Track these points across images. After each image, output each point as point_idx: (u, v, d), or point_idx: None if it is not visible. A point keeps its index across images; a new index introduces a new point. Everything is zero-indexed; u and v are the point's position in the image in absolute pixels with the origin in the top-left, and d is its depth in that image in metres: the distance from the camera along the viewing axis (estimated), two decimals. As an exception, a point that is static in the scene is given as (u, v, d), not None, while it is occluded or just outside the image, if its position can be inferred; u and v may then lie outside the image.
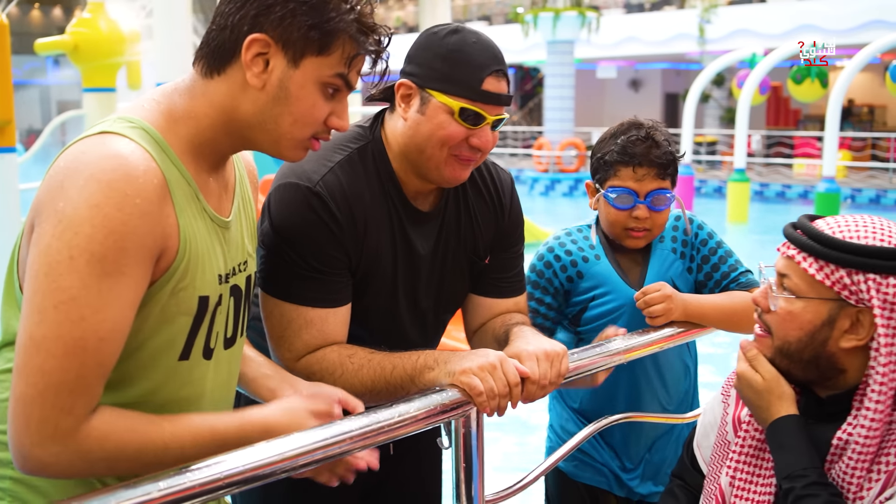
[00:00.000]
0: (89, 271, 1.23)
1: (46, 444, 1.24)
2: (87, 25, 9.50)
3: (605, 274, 2.28)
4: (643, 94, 31.38)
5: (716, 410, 1.87)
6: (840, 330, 1.55)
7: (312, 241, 1.74)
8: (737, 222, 15.31)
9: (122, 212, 1.24)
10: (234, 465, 1.30)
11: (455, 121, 1.75)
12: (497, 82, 1.77)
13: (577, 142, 22.18)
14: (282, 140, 1.45)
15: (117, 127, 1.33)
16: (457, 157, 1.79)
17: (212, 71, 1.42)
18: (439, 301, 1.98)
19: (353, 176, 1.80)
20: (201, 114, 1.42)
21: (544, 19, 21.52)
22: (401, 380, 1.70)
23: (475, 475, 1.69)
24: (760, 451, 1.67)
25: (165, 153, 1.36)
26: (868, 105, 26.36)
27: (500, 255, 2.04)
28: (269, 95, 1.40)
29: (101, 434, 1.27)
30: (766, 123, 27.30)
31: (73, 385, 1.23)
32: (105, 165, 1.25)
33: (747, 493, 1.66)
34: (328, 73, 1.42)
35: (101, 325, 1.25)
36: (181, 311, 1.39)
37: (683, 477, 1.92)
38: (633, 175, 2.18)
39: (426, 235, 1.91)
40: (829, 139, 13.88)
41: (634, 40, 25.24)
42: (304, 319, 1.75)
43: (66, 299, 1.22)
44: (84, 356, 1.24)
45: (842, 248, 1.52)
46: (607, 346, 2.00)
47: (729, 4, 24.23)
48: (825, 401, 1.63)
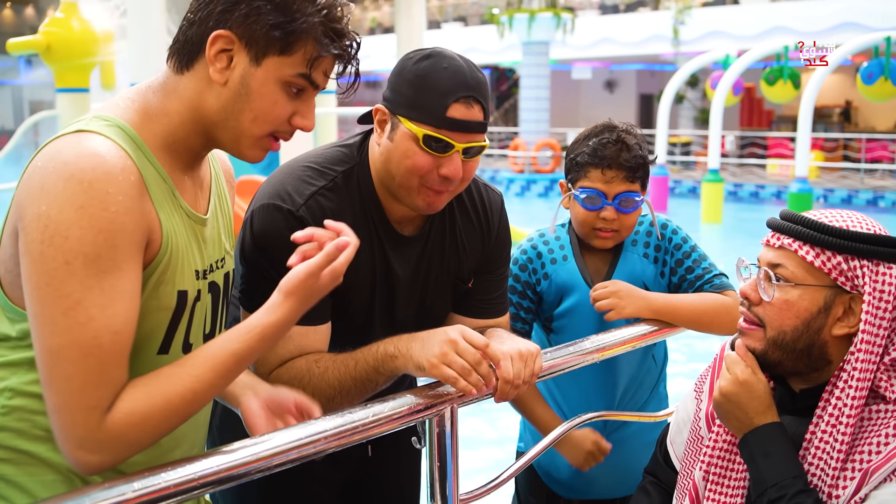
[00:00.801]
0: (87, 272, 1.25)
1: (86, 445, 1.26)
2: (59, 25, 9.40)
3: (570, 275, 2.32)
4: (618, 95, 31.50)
5: (688, 407, 1.88)
6: (834, 317, 1.57)
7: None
8: (711, 222, 15.41)
9: (108, 210, 1.26)
10: (209, 465, 1.31)
11: (420, 149, 1.71)
12: (465, 109, 1.71)
13: (552, 142, 22.22)
14: (241, 138, 1.46)
15: (93, 125, 1.34)
16: (428, 188, 1.75)
17: (182, 67, 1.43)
18: (419, 324, 1.92)
19: (336, 201, 1.78)
20: (173, 111, 1.43)
21: (520, 20, 21.55)
22: (365, 373, 1.70)
23: (449, 474, 1.70)
24: (734, 445, 1.68)
25: (141, 150, 1.37)
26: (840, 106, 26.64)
27: (485, 277, 2.03)
28: (232, 92, 1.41)
29: (126, 414, 1.28)
30: (740, 124, 27.50)
31: (97, 382, 1.26)
32: (84, 165, 1.26)
33: (721, 488, 1.68)
34: (290, 72, 1.43)
35: (113, 319, 1.27)
36: (161, 306, 1.41)
37: (656, 473, 1.94)
38: (601, 177, 2.21)
39: (407, 259, 1.89)
40: (802, 140, 14.01)
41: (609, 41, 25.33)
42: (284, 336, 1.71)
43: (73, 304, 1.24)
44: (101, 353, 1.26)
45: (839, 234, 1.55)
46: (579, 346, 2.02)
47: (702, 6, 24.37)
48: (798, 394, 1.65)
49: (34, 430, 1.39)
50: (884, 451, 1.50)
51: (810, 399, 1.62)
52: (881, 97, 14.28)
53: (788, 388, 1.67)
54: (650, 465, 1.99)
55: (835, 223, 1.57)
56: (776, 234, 1.63)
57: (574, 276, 2.32)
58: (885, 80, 13.31)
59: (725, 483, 1.68)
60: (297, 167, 1.83)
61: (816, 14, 20.61)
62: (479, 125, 1.75)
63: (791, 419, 1.64)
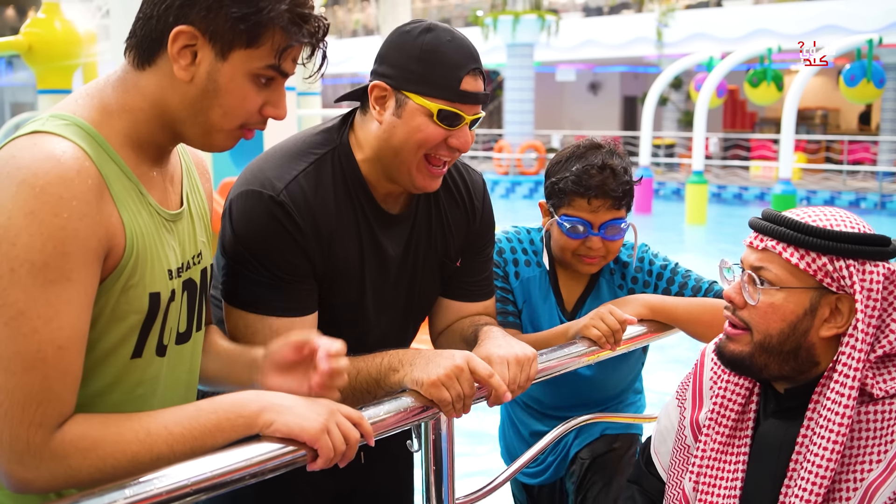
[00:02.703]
0: (32, 282, 1.19)
1: (24, 460, 1.21)
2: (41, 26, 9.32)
3: (538, 286, 2.30)
4: (602, 97, 31.57)
5: (671, 415, 1.86)
6: (820, 319, 1.55)
7: (276, 251, 1.69)
8: (695, 224, 15.47)
9: (59, 217, 1.20)
10: (203, 470, 1.27)
11: (433, 123, 1.71)
12: (474, 81, 1.73)
13: (537, 144, 22.25)
14: (212, 132, 1.41)
15: (49, 125, 1.28)
16: (429, 162, 1.76)
17: (142, 63, 1.37)
18: (410, 304, 1.95)
19: (317, 184, 1.75)
20: (136, 107, 1.37)
21: (504, 22, 21.58)
22: (366, 384, 1.68)
23: (445, 478, 1.68)
24: (723, 453, 1.67)
25: (103, 148, 1.31)
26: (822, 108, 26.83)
27: (471, 258, 2.02)
28: (198, 88, 1.36)
29: (76, 436, 1.24)
30: (723, 126, 27.64)
31: (39, 398, 1.20)
32: (36, 169, 1.21)
33: (711, 497, 1.66)
34: (258, 64, 1.37)
35: (57, 333, 1.21)
36: (132, 310, 1.35)
37: (640, 482, 1.92)
38: (587, 206, 2.15)
39: (396, 238, 1.88)
40: (786, 142, 14.08)
41: (593, 44, 25.39)
42: (269, 329, 1.70)
43: (15, 314, 1.18)
44: (45, 367, 1.20)
45: (822, 235, 1.52)
46: (572, 349, 2.01)
47: (686, 9, 24.47)
48: (783, 395, 1.63)
49: None
50: (884, 459, 1.49)
51: (796, 399, 1.60)
52: (863, 99, 14.40)
53: (773, 389, 1.65)
54: (634, 475, 1.96)
55: (818, 223, 1.54)
56: (759, 235, 1.60)
57: (544, 287, 2.30)
58: (867, 83, 13.41)
59: (715, 492, 1.65)
60: (275, 153, 1.80)
61: (799, 17, 20.74)
62: (486, 96, 1.78)
63: (777, 422, 1.62)
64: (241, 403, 1.36)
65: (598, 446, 2.38)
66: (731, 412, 1.68)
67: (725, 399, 1.69)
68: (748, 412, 1.68)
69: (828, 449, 1.50)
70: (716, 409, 1.69)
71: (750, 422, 1.67)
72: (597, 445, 2.39)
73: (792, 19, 20.77)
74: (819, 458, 1.50)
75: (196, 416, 1.32)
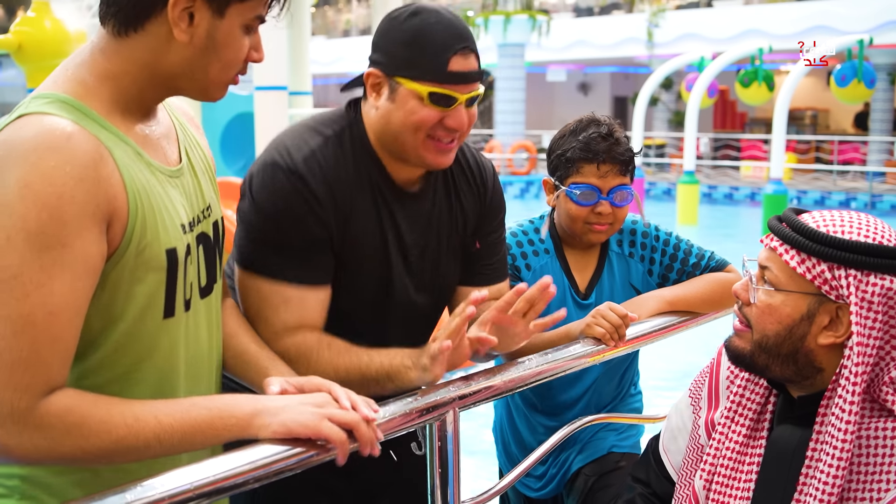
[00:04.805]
0: (28, 247, 1.20)
1: (7, 426, 1.20)
2: (31, 25, 9.27)
3: (552, 269, 2.31)
4: (592, 98, 31.63)
5: (683, 414, 1.84)
6: (819, 326, 1.52)
7: (294, 220, 1.71)
8: (687, 224, 15.48)
9: (54, 184, 1.22)
10: (204, 474, 1.25)
11: (425, 105, 1.71)
12: (464, 60, 1.72)
13: (527, 144, 22.27)
14: (209, 86, 1.46)
15: (34, 107, 1.30)
16: (434, 140, 1.76)
17: (127, 29, 1.38)
18: (433, 285, 1.93)
19: (335, 157, 1.78)
20: (121, 72, 1.39)
21: (495, 23, 21.60)
22: (377, 374, 1.67)
23: (451, 480, 1.65)
24: (740, 454, 1.64)
25: (90, 118, 1.33)
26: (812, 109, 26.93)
27: (485, 240, 2.01)
28: (197, 48, 1.40)
29: (63, 408, 1.23)
30: (714, 126, 27.72)
31: (26, 363, 1.20)
32: (29, 146, 1.23)
33: (724, 497, 1.63)
34: (250, 15, 1.43)
35: (48, 298, 1.22)
36: (151, 268, 1.37)
37: (650, 481, 1.89)
38: (596, 172, 2.19)
39: (415, 216, 1.88)
40: (777, 142, 14.10)
41: (584, 44, 25.43)
42: (281, 297, 1.72)
43: (7, 278, 1.20)
44: (34, 332, 1.21)
45: (824, 241, 1.48)
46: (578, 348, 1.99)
47: (676, 9, 24.54)
48: (796, 401, 1.60)
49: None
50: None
51: (808, 406, 1.57)
52: (854, 99, 14.44)
53: (788, 394, 1.63)
54: (640, 471, 1.93)
55: (825, 229, 1.51)
56: (770, 234, 1.58)
57: (556, 271, 2.31)
58: (858, 83, 13.46)
59: (727, 493, 1.63)
60: (295, 128, 1.84)
61: (789, 17, 20.81)
62: (477, 74, 1.77)
63: (790, 428, 1.60)
64: (236, 404, 1.36)
65: (604, 463, 2.37)
66: (749, 411, 1.66)
67: (743, 398, 1.67)
68: (765, 413, 1.65)
69: (833, 465, 1.46)
70: (732, 409, 1.67)
71: (766, 423, 1.65)
72: (603, 462, 2.38)
73: (782, 19, 20.84)
74: (825, 474, 1.47)
75: (188, 410, 1.32)
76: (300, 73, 10.19)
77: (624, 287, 2.35)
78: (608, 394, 2.44)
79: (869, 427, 1.49)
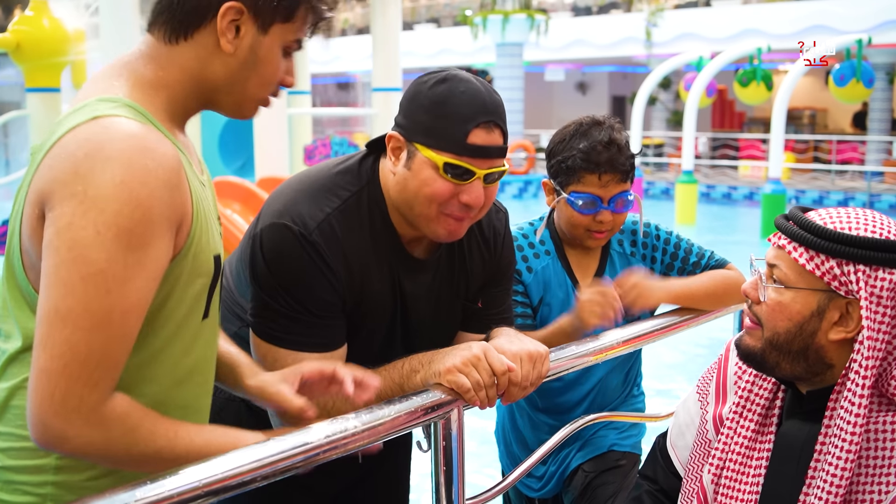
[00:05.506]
0: (117, 245, 1.22)
1: (71, 417, 1.22)
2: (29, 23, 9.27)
3: (553, 270, 2.31)
4: (591, 97, 31.64)
5: (691, 410, 1.85)
6: (829, 322, 1.53)
7: (307, 287, 1.66)
8: (685, 223, 15.48)
9: (147, 186, 1.25)
10: (213, 472, 1.25)
11: (440, 176, 1.65)
12: (486, 134, 1.65)
13: (526, 144, 22.26)
14: (245, 101, 1.49)
15: (104, 108, 1.30)
16: (448, 215, 1.69)
17: (177, 36, 1.42)
18: (431, 343, 1.87)
19: (349, 224, 1.72)
20: (173, 80, 1.42)
21: (493, 22, 21.58)
22: (390, 391, 1.66)
23: (455, 478, 1.65)
24: (749, 448, 1.65)
25: (154, 125, 1.35)
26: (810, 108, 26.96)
27: (490, 292, 1.97)
28: (240, 60, 1.44)
29: (124, 411, 1.27)
30: (712, 126, 27.73)
31: (99, 358, 1.23)
32: (121, 146, 1.25)
33: (732, 492, 1.64)
34: (291, 38, 1.47)
35: (127, 297, 1.25)
36: (200, 274, 1.41)
37: (657, 478, 1.90)
38: (598, 182, 2.18)
39: (420, 283, 1.84)
40: (775, 141, 14.11)
41: (582, 43, 25.42)
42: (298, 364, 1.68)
43: (95, 272, 1.22)
44: (110, 329, 1.23)
45: (832, 237, 1.50)
46: (581, 347, 2.00)
47: (675, 8, 24.52)
48: (805, 396, 1.61)
49: None
50: None
51: (818, 401, 1.59)
52: (853, 99, 14.46)
53: (797, 390, 1.64)
54: (649, 468, 1.94)
55: (832, 225, 1.52)
56: (778, 232, 1.59)
57: (558, 272, 2.31)
58: (857, 83, 13.47)
59: (737, 487, 1.64)
60: (306, 186, 1.76)
61: (788, 17, 20.81)
62: (500, 150, 1.69)
63: (799, 423, 1.61)
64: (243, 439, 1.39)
65: (603, 461, 2.39)
66: (758, 406, 1.67)
67: (752, 394, 1.68)
68: (773, 408, 1.67)
69: (842, 458, 1.48)
70: (741, 404, 1.69)
71: (775, 418, 1.66)
72: (603, 460, 2.39)
73: (781, 19, 20.84)
74: (834, 467, 1.48)
75: (213, 436, 1.38)
76: (298, 73, 10.10)
77: None
78: (613, 392, 2.45)
79: (877, 421, 1.51)
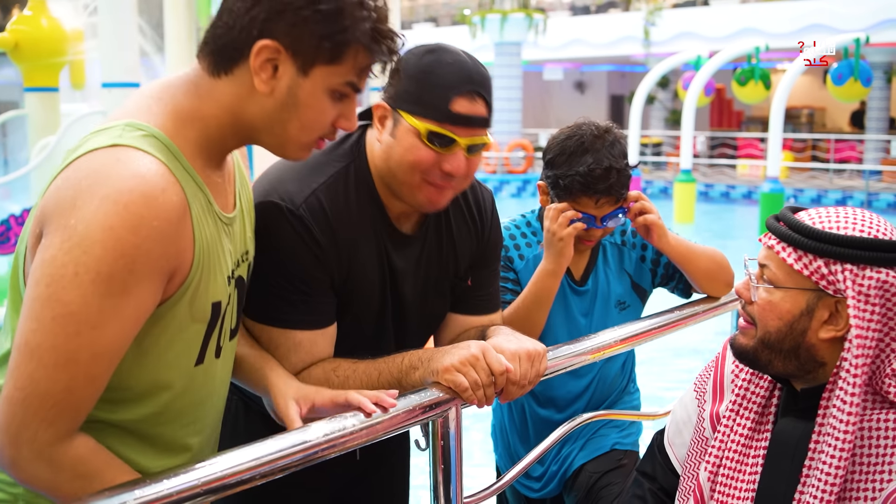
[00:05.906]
0: (93, 290, 1.19)
1: (22, 449, 1.21)
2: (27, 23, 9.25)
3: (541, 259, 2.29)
4: (589, 96, 31.64)
5: (688, 407, 1.86)
6: (819, 320, 1.55)
7: (296, 264, 1.68)
8: (683, 222, 15.49)
9: (137, 235, 1.20)
10: (212, 470, 1.26)
11: (423, 144, 1.66)
12: (469, 104, 1.66)
13: (524, 143, 22.26)
14: (288, 144, 1.42)
15: (128, 138, 1.26)
16: (431, 183, 1.71)
17: (219, 70, 1.36)
18: (421, 321, 1.92)
19: (335, 198, 1.73)
20: (209, 115, 1.37)
21: (491, 21, 21.58)
22: (388, 384, 1.67)
23: (453, 477, 1.66)
24: (745, 446, 1.66)
25: (179, 161, 1.31)
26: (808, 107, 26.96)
27: (479, 273, 1.99)
28: (278, 101, 1.36)
29: (79, 455, 1.25)
30: (710, 125, 27.73)
31: (59, 397, 1.20)
32: (122, 186, 1.20)
33: (729, 489, 1.65)
34: (338, 81, 1.38)
35: (97, 341, 1.21)
36: (195, 320, 1.37)
37: (656, 475, 1.90)
38: (593, 205, 2.19)
39: (408, 258, 1.85)
40: (774, 140, 14.11)
41: (580, 42, 25.43)
42: (292, 342, 1.70)
43: (65, 313, 1.19)
44: (75, 369, 1.21)
45: (819, 237, 1.51)
46: (578, 346, 2.01)
47: (673, 7, 24.54)
48: (800, 394, 1.62)
49: None
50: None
51: (812, 399, 1.60)
52: (851, 98, 14.46)
53: (792, 388, 1.65)
54: (647, 465, 1.95)
55: (819, 225, 1.54)
56: (768, 233, 1.61)
57: None
58: (855, 81, 13.48)
59: (733, 485, 1.65)
60: (294, 164, 1.76)
61: (786, 16, 20.83)
62: (483, 120, 1.71)
63: (793, 421, 1.62)
64: None
65: (606, 461, 2.39)
66: (754, 405, 1.68)
67: (749, 392, 1.70)
68: (770, 406, 1.68)
69: (835, 456, 1.48)
70: (737, 402, 1.70)
71: (771, 416, 1.67)
72: (606, 460, 2.39)
73: (779, 18, 20.85)
74: (828, 465, 1.49)
75: None
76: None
77: (618, 273, 2.39)
78: (612, 384, 2.45)
79: (871, 419, 1.52)
